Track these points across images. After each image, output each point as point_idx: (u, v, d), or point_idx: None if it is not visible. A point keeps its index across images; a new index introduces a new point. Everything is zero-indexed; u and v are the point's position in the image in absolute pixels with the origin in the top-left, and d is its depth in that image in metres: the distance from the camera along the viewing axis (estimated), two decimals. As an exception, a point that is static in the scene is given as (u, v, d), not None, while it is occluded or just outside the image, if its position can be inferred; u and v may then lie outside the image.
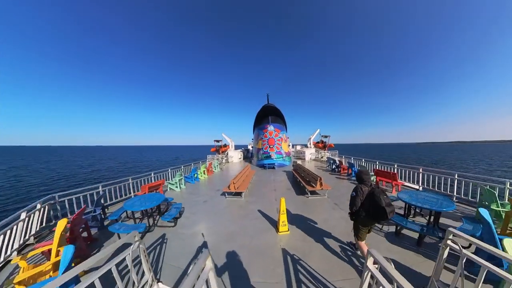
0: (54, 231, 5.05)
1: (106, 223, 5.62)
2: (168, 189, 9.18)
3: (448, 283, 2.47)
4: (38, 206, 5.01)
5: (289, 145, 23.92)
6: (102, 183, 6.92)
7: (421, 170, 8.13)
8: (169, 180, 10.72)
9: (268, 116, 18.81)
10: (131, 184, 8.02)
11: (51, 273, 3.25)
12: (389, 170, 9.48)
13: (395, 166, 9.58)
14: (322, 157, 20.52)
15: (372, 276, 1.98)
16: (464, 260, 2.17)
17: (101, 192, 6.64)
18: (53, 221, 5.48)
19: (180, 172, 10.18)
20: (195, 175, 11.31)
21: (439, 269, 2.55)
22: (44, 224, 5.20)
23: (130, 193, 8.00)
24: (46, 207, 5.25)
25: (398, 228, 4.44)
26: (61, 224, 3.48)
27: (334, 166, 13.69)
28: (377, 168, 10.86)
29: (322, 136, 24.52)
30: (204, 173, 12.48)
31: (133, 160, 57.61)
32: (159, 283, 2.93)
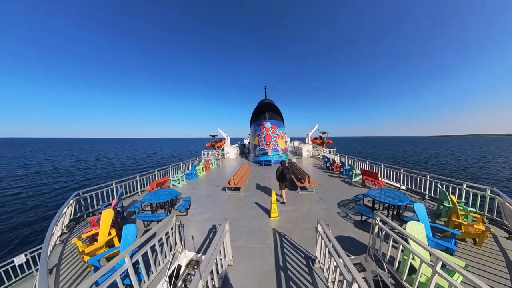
0: (82, 221, 6.72)
1: (125, 213, 7.31)
2: (171, 185, 10.89)
3: (384, 251, 4.21)
4: (71, 201, 6.64)
5: (286, 141, 25.62)
6: (115, 180, 8.53)
7: (402, 171, 9.92)
8: (170, 176, 12.42)
9: (265, 112, 20.38)
10: (138, 181, 9.71)
11: (104, 248, 4.92)
12: (372, 170, 11.29)
13: (382, 166, 11.40)
14: (319, 154, 22.32)
15: (323, 238, 3.71)
16: (384, 232, 3.90)
17: (114, 189, 8.31)
18: (78, 214, 7.10)
19: (182, 169, 11.88)
20: (195, 172, 12.99)
21: (373, 239, 4.28)
22: (72, 216, 6.83)
23: (137, 188, 9.70)
24: (74, 202, 6.87)
25: (364, 218, 6.25)
26: (109, 213, 5.14)
27: (328, 164, 15.52)
28: (367, 167, 12.71)
29: (320, 132, 26.22)
30: (203, 170, 14.21)
31: (98, 157, 53.76)
32: (185, 250, 4.66)
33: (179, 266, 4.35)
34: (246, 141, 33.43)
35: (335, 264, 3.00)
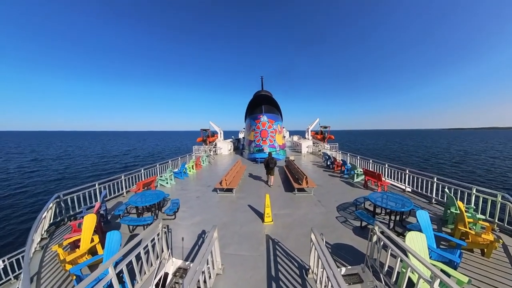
0: (62, 225, 6.82)
1: (109, 217, 7.43)
2: (159, 185, 11.04)
3: (381, 260, 4.37)
4: (51, 205, 6.73)
5: (284, 137, 25.76)
6: (98, 181, 8.62)
7: (407, 172, 10.10)
8: (158, 175, 12.53)
9: (262, 105, 20.41)
10: (123, 181, 9.83)
11: (86, 256, 5.05)
12: (374, 170, 11.53)
13: (386, 165, 11.62)
14: (319, 150, 22.54)
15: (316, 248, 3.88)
16: (382, 243, 4.06)
17: (97, 190, 8.42)
18: (58, 218, 7.20)
19: (170, 168, 12.02)
20: (184, 170, 13.13)
21: (371, 248, 4.45)
22: (52, 221, 6.92)
23: (122, 189, 9.82)
24: (54, 205, 6.96)
25: (364, 224, 6.45)
26: (92, 218, 5.25)
27: (328, 162, 15.75)
28: (370, 166, 12.96)
29: (321, 126, 26.38)
30: (193, 168, 14.37)
31: (59, 155, 47.90)
32: (173, 258, 4.82)
33: (166, 275, 4.50)
34: (241, 136, 33.50)
35: (327, 275, 3.16)
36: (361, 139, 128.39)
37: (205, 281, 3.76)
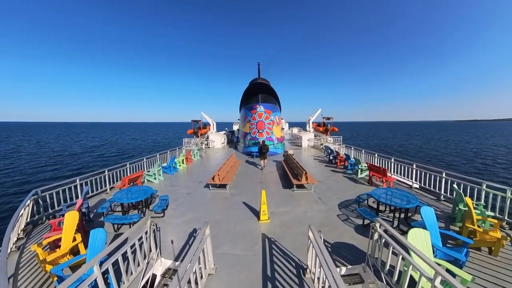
0: (40, 224, 6.88)
1: (91, 215, 7.51)
2: (146, 181, 11.12)
3: (383, 259, 4.50)
4: (28, 202, 6.76)
5: (283, 129, 25.82)
6: (79, 176, 8.65)
7: (414, 166, 10.28)
8: (145, 170, 12.59)
9: (258, 94, 20.38)
10: (107, 177, 9.88)
11: (68, 256, 5.14)
12: (380, 165, 11.71)
13: (392, 160, 11.85)
14: (321, 144, 22.67)
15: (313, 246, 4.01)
16: (383, 240, 4.20)
17: (78, 186, 8.46)
18: (36, 217, 7.23)
19: (158, 162, 12.09)
20: (174, 165, 13.20)
21: (372, 247, 4.59)
22: (29, 219, 6.96)
23: (105, 185, 9.89)
24: (32, 202, 7.00)
25: (367, 221, 6.62)
26: (74, 215, 5.32)
27: (331, 157, 15.90)
28: (376, 161, 13.16)
29: (323, 117, 26.44)
30: (183, 162, 14.49)
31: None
32: (161, 258, 4.93)
33: (154, 276, 4.62)
34: (235, 127, 33.53)
35: (325, 274, 3.29)
36: (375, 132, 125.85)
37: (196, 282, 3.86)
